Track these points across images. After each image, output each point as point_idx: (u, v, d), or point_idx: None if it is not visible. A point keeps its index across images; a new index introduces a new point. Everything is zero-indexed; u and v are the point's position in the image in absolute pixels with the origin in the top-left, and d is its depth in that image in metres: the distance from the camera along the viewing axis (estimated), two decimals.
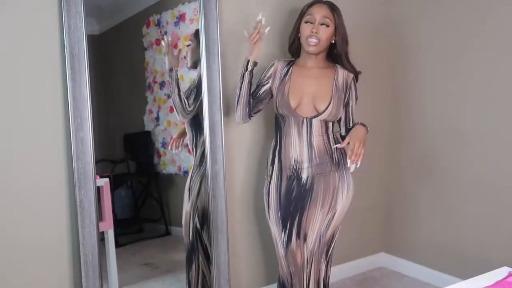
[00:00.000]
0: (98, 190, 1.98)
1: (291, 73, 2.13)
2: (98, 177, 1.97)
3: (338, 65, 2.15)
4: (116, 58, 2.41)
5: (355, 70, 2.16)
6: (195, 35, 2.23)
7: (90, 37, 1.92)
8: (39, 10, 1.81)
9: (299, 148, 2.08)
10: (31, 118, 1.83)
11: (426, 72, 2.76)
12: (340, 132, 2.19)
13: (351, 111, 2.15)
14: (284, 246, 2.11)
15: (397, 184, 2.99)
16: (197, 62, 2.25)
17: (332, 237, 2.14)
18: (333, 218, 2.10)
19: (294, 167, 2.09)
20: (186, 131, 2.32)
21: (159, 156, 2.46)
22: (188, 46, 2.28)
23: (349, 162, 1.95)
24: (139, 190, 2.58)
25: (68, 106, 1.85)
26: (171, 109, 2.30)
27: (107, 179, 2.06)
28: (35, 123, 1.84)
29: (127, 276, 2.25)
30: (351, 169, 1.99)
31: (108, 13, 2.29)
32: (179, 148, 2.36)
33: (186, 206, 2.31)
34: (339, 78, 2.11)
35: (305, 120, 2.07)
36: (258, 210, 2.45)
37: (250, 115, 2.15)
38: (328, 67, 2.15)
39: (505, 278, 1.57)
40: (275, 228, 2.13)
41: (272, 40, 2.39)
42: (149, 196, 2.58)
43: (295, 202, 2.09)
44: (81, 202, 1.88)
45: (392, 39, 2.91)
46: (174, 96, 2.19)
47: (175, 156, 2.42)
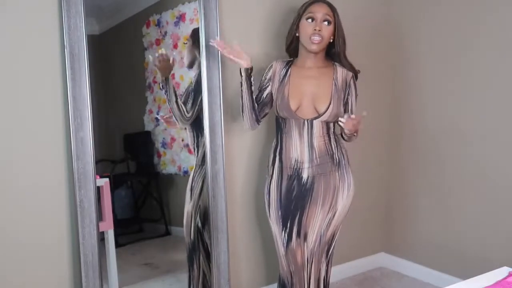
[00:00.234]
0: (98, 190, 1.98)
1: (290, 74, 2.12)
2: (98, 177, 1.97)
3: (336, 63, 2.14)
4: (116, 58, 2.41)
5: (354, 68, 2.15)
6: (192, 35, 2.23)
7: (90, 37, 1.92)
8: (39, 10, 1.81)
9: (300, 149, 2.08)
10: (31, 118, 1.83)
11: (426, 72, 2.76)
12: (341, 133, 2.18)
13: (351, 109, 2.14)
14: (285, 245, 2.12)
15: (397, 184, 2.98)
16: (193, 62, 2.25)
17: (333, 236, 2.14)
18: (333, 217, 2.10)
19: (295, 167, 2.09)
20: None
21: (159, 156, 2.46)
22: (185, 44, 2.28)
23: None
24: (139, 190, 2.58)
25: (68, 106, 1.85)
26: (171, 109, 2.30)
27: (107, 179, 2.06)
28: (35, 123, 1.84)
29: (127, 276, 2.25)
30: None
31: (108, 13, 2.29)
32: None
33: (188, 206, 2.31)
34: (339, 77, 2.11)
35: (306, 122, 2.07)
36: (258, 209, 2.45)
37: (258, 120, 2.15)
38: (327, 66, 2.14)
39: (505, 278, 1.57)
40: (276, 227, 2.14)
41: (269, 40, 2.39)
42: (149, 196, 2.58)
43: (296, 201, 2.10)
44: (81, 202, 1.88)
45: (392, 39, 2.91)
46: (172, 104, 2.20)
47: (175, 156, 2.42)
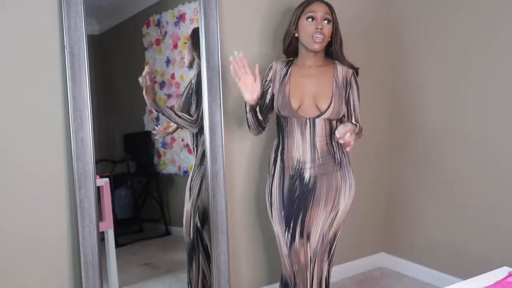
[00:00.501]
0: (98, 190, 1.98)
1: (290, 73, 2.12)
2: (98, 177, 1.97)
3: (336, 62, 2.14)
4: (116, 58, 2.41)
5: (352, 65, 2.15)
6: (192, 34, 2.23)
7: (90, 37, 1.92)
8: (39, 10, 1.81)
9: (302, 149, 2.07)
10: (31, 118, 1.83)
11: (426, 72, 2.76)
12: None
13: (353, 107, 2.12)
14: (288, 245, 2.10)
15: (397, 184, 2.98)
16: (192, 62, 2.25)
17: (335, 236, 2.14)
18: (335, 217, 2.10)
19: (297, 167, 2.08)
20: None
21: (159, 156, 2.46)
22: (185, 44, 2.28)
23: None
24: (139, 190, 2.58)
25: (68, 106, 1.85)
26: (178, 124, 2.30)
27: (107, 179, 2.06)
28: (35, 123, 1.84)
29: (127, 276, 2.25)
30: (347, 149, 1.94)
31: (108, 13, 2.29)
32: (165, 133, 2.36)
33: (187, 205, 2.31)
34: (339, 75, 2.10)
35: (308, 121, 2.06)
36: (258, 209, 2.45)
37: (263, 128, 2.17)
38: (327, 64, 2.14)
39: (505, 278, 1.57)
40: (278, 227, 2.13)
41: (269, 40, 2.39)
42: (149, 196, 2.57)
43: (298, 201, 2.09)
44: (81, 202, 1.88)
45: (392, 39, 2.91)
46: (174, 119, 2.23)
47: (175, 156, 2.42)
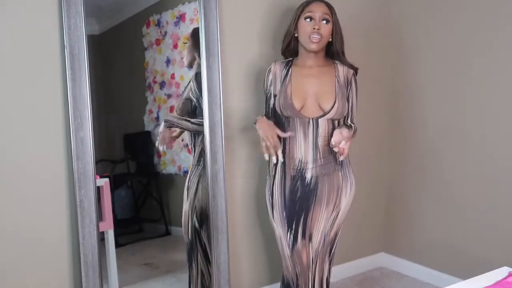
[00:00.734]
0: (98, 190, 1.98)
1: (291, 74, 2.11)
2: (98, 177, 1.97)
3: (337, 62, 2.14)
4: (116, 58, 2.41)
5: (353, 66, 2.15)
6: (192, 34, 2.23)
7: (90, 37, 1.92)
8: (39, 10, 1.81)
9: (304, 149, 2.06)
10: (31, 118, 1.83)
11: (426, 72, 2.76)
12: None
13: (351, 107, 2.12)
14: (290, 246, 2.09)
15: (397, 184, 2.98)
16: (192, 62, 2.25)
17: (335, 236, 2.14)
18: (337, 217, 2.10)
19: (299, 167, 2.08)
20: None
21: (159, 156, 2.46)
22: (185, 44, 2.29)
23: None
24: (139, 190, 2.58)
25: (68, 106, 1.85)
26: (171, 109, 2.31)
27: (107, 179, 2.06)
28: (35, 123, 1.84)
29: (127, 276, 2.25)
30: (340, 158, 2.01)
31: (108, 13, 2.29)
32: (168, 145, 2.38)
33: (185, 205, 2.31)
34: (340, 75, 2.10)
35: (311, 121, 2.05)
36: (258, 209, 2.45)
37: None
38: (328, 64, 2.13)
39: (505, 278, 1.57)
40: (280, 228, 2.11)
41: (269, 40, 2.39)
42: (149, 196, 2.57)
43: (300, 202, 2.08)
44: (81, 202, 1.88)
45: (392, 39, 2.91)
46: (192, 127, 2.27)
47: (175, 156, 2.42)
